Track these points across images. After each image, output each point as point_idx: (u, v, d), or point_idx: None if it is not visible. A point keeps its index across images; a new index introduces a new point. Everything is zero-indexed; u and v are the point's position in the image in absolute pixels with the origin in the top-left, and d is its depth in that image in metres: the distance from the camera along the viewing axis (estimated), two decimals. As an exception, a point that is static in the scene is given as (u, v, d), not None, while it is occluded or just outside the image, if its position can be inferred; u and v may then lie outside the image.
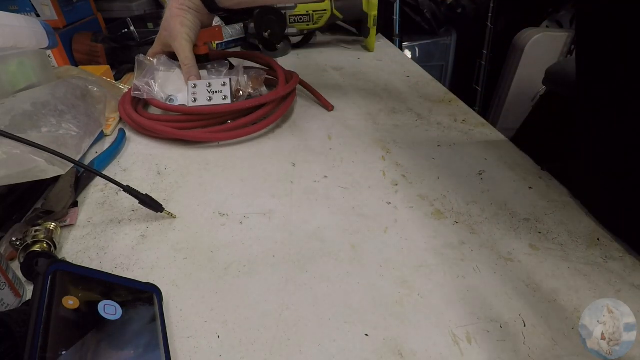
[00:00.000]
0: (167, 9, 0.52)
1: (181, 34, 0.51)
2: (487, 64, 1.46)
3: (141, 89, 0.52)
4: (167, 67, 0.54)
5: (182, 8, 0.51)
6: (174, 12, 0.51)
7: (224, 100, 0.50)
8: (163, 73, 0.53)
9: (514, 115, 1.31)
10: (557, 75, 0.76)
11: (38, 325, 0.21)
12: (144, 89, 0.52)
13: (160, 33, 0.55)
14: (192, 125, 0.50)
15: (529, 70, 1.34)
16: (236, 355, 0.26)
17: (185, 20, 0.51)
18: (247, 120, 0.50)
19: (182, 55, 0.52)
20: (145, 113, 0.52)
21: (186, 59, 0.52)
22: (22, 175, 0.33)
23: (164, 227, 0.37)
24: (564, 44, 1.32)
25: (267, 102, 0.52)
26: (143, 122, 0.49)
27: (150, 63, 0.54)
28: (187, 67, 0.52)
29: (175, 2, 0.51)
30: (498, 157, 0.46)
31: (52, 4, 0.66)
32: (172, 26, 0.51)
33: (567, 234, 0.35)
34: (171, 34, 0.51)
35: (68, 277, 0.24)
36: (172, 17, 0.51)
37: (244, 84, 0.54)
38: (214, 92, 0.50)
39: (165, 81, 0.53)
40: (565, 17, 1.41)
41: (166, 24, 0.52)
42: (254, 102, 0.51)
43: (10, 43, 0.40)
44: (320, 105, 0.60)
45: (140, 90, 0.51)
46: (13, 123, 0.35)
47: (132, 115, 0.51)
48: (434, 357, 0.26)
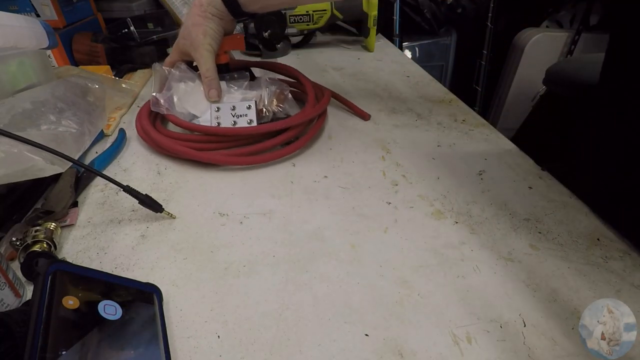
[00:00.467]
0: (188, 16, 0.49)
1: (203, 44, 0.47)
2: (487, 64, 1.46)
3: (161, 104, 0.48)
4: (186, 78, 0.51)
5: (205, 15, 0.47)
6: (195, 20, 0.47)
7: (249, 124, 0.47)
8: (183, 85, 0.50)
9: (514, 115, 1.31)
10: (558, 75, 0.76)
11: (38, 325, 0.21)
12: (163, 104, 0.48)
13: (179, 41, 0.51)
14: (213, 146, 0.46)
15: (529, 70, 1.34)
16: (236, 355, 0.26)
17: (207, 29, 0.47)
18: (273, 144, 0.46)
19: (203, 67, 0.48)
20: (164, 129, 0.49)
21: (207, 70, 0.48)
22: (21, 173, 0.33)
23: (164, 227, 0.37)
24: (564, 44, 1.32)
25: (295, 125, 0.48)
26: (162, 141, 0.46)
27: (169, 73, 0.51)
28: (208, 79, 0.49)
29: (196, 8, 0.48)
30: (498, 157, 0.46)
31: (52, 4, 0.66)
32: (193, 35, 0.48)
33: (567, 234, 0.35)
34: (192, 43, 0.48)
35: (68, 277, 0.24)
36: (193, 25, 0.47)
37: (267, 100, 0.50)
38: (238, 116, 0.47)
39: (185, 94, 0.50)
40: (565, 17, 1.41)
41: (186, 32, 0.49)
42: (280, 125, 0.46)
43: (10, 43, 0.40)
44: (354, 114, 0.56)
45: (160, 105, 0.48)
46: (13, 122, 0.35)
47: (150, 133, 0.47)
48: (434, 357, 0.26)
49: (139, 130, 0.50)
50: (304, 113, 0.49)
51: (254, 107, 0.48)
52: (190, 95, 0.50)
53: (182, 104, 0.49)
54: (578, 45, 1.30)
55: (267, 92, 0.51)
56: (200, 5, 0.47)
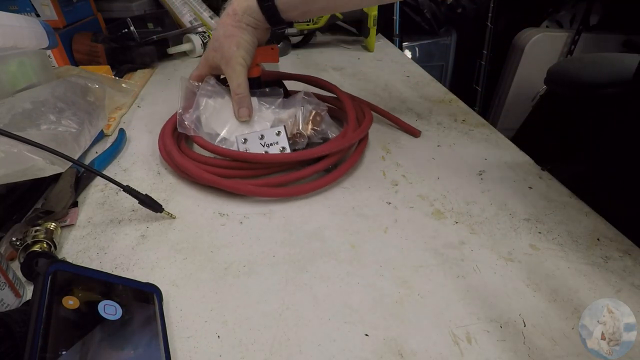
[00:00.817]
0: (220, 26, 0.44)
1: (236, 57, 0.43)
2: (487, 64, 1.46)
3: (187, 125, 0.44)
4: (215, 94, 0.46)
5: (239, 26, 0.43)
6: (228, 31, 0.43)
7: (282, 151, 0.43)
8: (212, 102, 0.46)
9: (514, 115, 1.31)
10: (559, 75, 0.76)
11: (38, 325, 0.21)
12: (190, 125, 0.44)
13: (208, 53, 0.46)
14: (243, 173, 0.42)
15: (529, 70, 1.34)
16: (236, 355, 0.26)
17: (241, 41, 0.43)
18: (308, 173, 0.41)
19: (234, 83, 0.44)
20: (189, 150, 0.44)
21: (239, 87, 0.44)
22: (21, 173, 0.33)
23: (164, 227, 0.37)
24: (564, 44, 1.32)
25: (334, 152, 0.43)
26: (187, 166, 0.41)
27: (197, 88, 0.47)
28: (238, 96, 0.44)
29: (229, 18, 0.43)
30: (498, 157, 0.46)
31: (52, 4, 0.66)
32: (225, 47, 0.43)
33: (567, 234, 0.35)
34: (224, 56, 0.44)
35: (68, 277, 0.24)
36: (225, 36, 0.43)
37: (301, 122, 0.46)
38: (268, 145, 0.43)
39: (213, 113, 0.45)
40: (565, 17, 1.41)
41: (217, 44, 0.44)
42: (316, 153, 0.42)
43: (10, 43, 0.40)
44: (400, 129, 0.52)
45: (186, 126, 0.44)
46: (13, 121, 0.35)
47: (175, 158, 0.42)
48: (434, 357, 0.26)
49: (161, 150, 0.46)
50: (344, 139, 0.44)
51: (284, 133, 0.43)
52: (219, 114, 0.45)
53: (209, 124, 0.45)
54: (578, 45, 1.30)
55: (302, 111, 0.46)
56: (234, 14, 0.43)
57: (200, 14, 0.89)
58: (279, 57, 0.48)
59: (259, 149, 0.43)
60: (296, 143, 0.45)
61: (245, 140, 0.43)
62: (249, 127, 0.45)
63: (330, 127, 0.47)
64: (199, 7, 0.90)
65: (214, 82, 0.47)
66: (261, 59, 0.47)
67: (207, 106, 0.45)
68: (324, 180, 0.41)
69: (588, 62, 0.77)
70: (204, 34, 0.83)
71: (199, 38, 0.81)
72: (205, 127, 0.45)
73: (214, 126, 0.45)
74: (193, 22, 0.87)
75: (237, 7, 0.42)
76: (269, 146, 0.43)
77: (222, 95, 0.46)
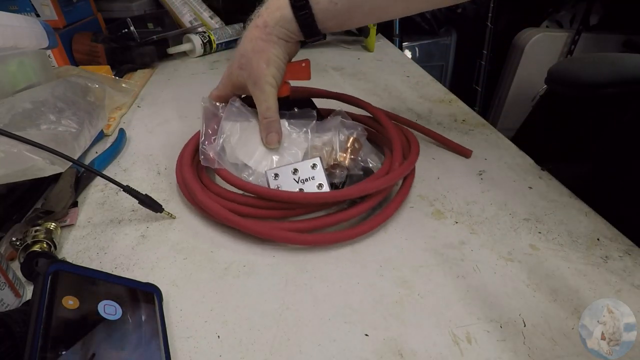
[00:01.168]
0: (247, 40, 0.38)
1: (266, 75, 0.38)
2: (487, 64, 1.46)
3: (210, 157, 0.38)
4: (241, 118, 0.41)
5: (270, 39, 0.37)
6: (258, 46, 0.37)
7: (320, 188, 0.37)
8: (237, 127, 0.40)
9: (514, 115, 1.30)
10: (559, 75, 0.76)
11: (38, 325, 0.21)
12: (214, 157, 0.38)
13: (232, 71, 0.41)
14: (275, 214, 0.36)
15: (529, 70, 1.33)
16: (236, 355, 0.26)
17: (272, 57, 0.38)
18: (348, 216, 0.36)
19: (263, 105, 0.39)
20: (212, 184, 0.39)
21: (268, 110, 0.39)
22: (21, 173, 0.33)
23: (164, 227, 0.37)
24: (564, 44, 1.32)
25: (379, 191, 0.37)
26: (212, 207, 0.35)
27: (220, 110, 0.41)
28: (267, 121, 0.39)
29: (258, 30, 0.37)
30: (498, 157, 0.46)
31: (52, 4, 0.66)
32: (254, 65, 0.38)
33: (567, 234, 0.35)
34: (252, 74, 0.38)
35: (68, 277, 0.24)
36: (254, 52, 0.38)
37: (338, 150, 0.40)
38: (303, 181, 0.37)
39: (239, 140, 0.40)
40: (565, 17, 1.41)
41: (244, 60, 0.39)
42: (358, 191, 0.36)
43: (10, 43, 0.40)
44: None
45: (210, 159, 0.38)
46: (12, 121, 0.35)
47: (195, 193, 0.36)
48: (434, 357, 0.26)
49: (179, 182, 0.41)
50: (391, 173, 0.37)
51: (320, 165, 0.37)
52: (245, 141, 0.40)
53: (234, 152, 0.39)
54: (578, 45, 1.29)
55: (339, 138, 0.40)
56: (264, 26, 0.37)
57: (200, 14, 0.90)
58: (310, 73, 0.42)
59: (292, 186, 0.37)
60: (334, 175, 0.38)
61: (277, 176, 0.37)
62: (279, 155, 0.40)
63: (370, 154, 0.41)
64: (199, 7, 0.90)
65: (239, 103, 0.41)
66: (291, 76, 0.41)
67: (232, 132, 0.40)
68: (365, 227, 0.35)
69: (588, 62, 0.77)
70: (204, 34, 0.83)
71: (199, 38, 0.81)
72: (229, 156, 0.39)
73: (239, 155, 0.39)
74: (193, 22, 0.88)
75: (268, 19, 0.37)
76: (304, 182, 0.37)
77: (248, 119, 0.41)
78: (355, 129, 0.41)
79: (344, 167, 0.39)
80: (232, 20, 0.90)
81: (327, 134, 0.41)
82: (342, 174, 0.39)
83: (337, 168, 0.39)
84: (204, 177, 0.40)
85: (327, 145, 0.40)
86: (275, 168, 0.38)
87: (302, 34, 0.37)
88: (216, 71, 0.76)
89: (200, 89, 0.68)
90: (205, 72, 0.76)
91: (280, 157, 0.40)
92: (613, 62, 0.72)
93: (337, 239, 0.34)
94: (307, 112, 0.43)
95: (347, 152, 0.40)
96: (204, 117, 0.41)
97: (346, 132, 0.41)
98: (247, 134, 0.40)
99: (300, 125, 0.41)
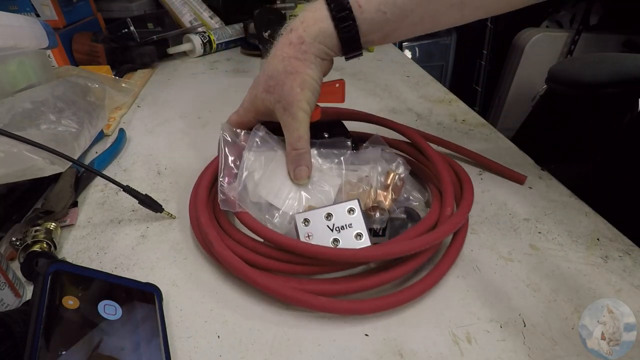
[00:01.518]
0: (277, 59, 0.33)
1: (299, 101, 0.32)
2: (487, 64, 1.46)
3: (231, 200, 0.32)
4: (266, 149, 0.35)
5: (305, 58, 0.32)
6: (292, 66, 0.32)
7: (359, 239, 0.31)
8: (262, 160, 0.35)
9: (514, 115, 1.31)
10: (560, 75, 0.76)
11: (38, 325, 0.21)
12: (234, 199, 0.32)
13: (257, 94, 0.35)
14: (306, 269, 0.31)
15: (529, 70, 1.33)
16: (236, 355, 0.26)
17: (308, 79, 0.32)
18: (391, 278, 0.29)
19: (294, 135, 0.33)
20: (231, 227, 0.33)
21: (299, 140, 0.34)
22: (21, 173, 0.33)
23: (164, 227, 0.37)
24: (564, 44, 1.32)
25: (429, 247, 0.30)
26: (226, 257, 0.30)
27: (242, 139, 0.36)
28: (297, 153, 0.34)
29: (291, 48, 0.32)
30: (498, 157, 0.46)
31: (52, 4, 0.66)
32: (286, 88, 0.32)
33: (567, 234, 0.35)
34: (282, 98, 0.33)
35: (68, 277, 0.24)
36: (287, 73, 0.32)
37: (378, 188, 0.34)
38: (339, 229, 0.31)
39: (262, 175, 0.34)
40: (565, 17, 1.41)
41: (273, 82, 0.33)
42: (407, 249, 0.29)
43: (10, 43, 0.40)
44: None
45: (231, 202, 0.32)
46: (12, 121, 0.35)
47: (213, 243, 0.31)
48: (434, 357, 0.26)
49: (193, 225, 0.35)
50: (442, 228, 0.31)
51: (358, 210, 0.31)
52: (270, 176, 0.35)
53: (257, 190, 0.34)
54: (578, 45, 1.29)
55: (378, 173, 0.34)
56: (299, 42, 0.32)
57: (200, 14, 0.90)
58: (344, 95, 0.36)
59: (326, 235, 0.31)
60: (372, 219, 0.33)
61: (307, 222, 0.31)
62: (308, 192, 0.35)
63: (411, 191, 0.35)
64: (199, 7, 0.90)
65: (263, 132, 0.36)
66: (323, 98, 0.35)
67: (255, 166, 0.34)
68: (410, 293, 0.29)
69: (589, 62, 0.77)
70: (204, 34, 0.83)
71: (199, 38, 0.81)
72: (252, 194, 0.33)
73: (263, 193, 0.34)
74: (193, 22, 0.88)
75: (304, 34, 0.32)
76: (340, 231, 0.31)
77: (273, 149, 0.35)
78: (396, 161, 0.36)
79: (385, 209, 0.33)
80: (232, 20, 0.90)
81: (363, 168, 0.35)
82: (383, 218, 0.33)
83: (377, 210, 0.33)
84: (222, 217, 0.34)
85: (364, 182, 0.34)
86: (305, 212, 0.32)
87: (342, 49, 0.33)
88: (216, 71, 0.76)
89: (200, 89, 0.68)
90: (205, 72, 0.76)
91: (310, 195, 0.34)
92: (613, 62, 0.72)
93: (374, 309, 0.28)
94: (340, 142, 0.37)
95: (388, 191, 0.34)
96: (223, 148, 0.35)
97: (386, 165, 0.35)
98: (272, 168, 0.35)
99: (332, 155, 0.36)
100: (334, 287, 0.29)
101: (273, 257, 0.31)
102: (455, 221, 0.32)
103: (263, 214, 0.33)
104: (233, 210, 0.32)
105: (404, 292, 0.29)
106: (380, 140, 0.38)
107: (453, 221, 0.31)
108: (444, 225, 0.31)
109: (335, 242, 0.31)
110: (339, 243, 0.31)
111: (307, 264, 0.30)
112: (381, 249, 0.29)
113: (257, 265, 0.30)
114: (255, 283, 0.29)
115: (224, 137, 0.36)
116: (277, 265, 0.30)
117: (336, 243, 0.31)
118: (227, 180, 0.34)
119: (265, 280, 0.28)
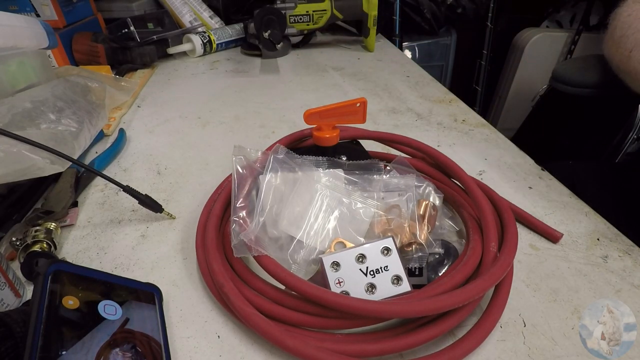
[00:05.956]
0: None
1: None
2: (487, 64, 1.46)
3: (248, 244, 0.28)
4: (284, 169, 0.31)
5: None
6: None
7: (396, 284, 0.26)
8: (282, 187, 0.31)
9: (514, 115, 1.31)
10: (563, 75, 0.75)
11: (38, 325, 0.21)
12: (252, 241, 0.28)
13: None
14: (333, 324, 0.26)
15: (529, 70, 1.33)
16: (236, 355, 0.26)
17: None
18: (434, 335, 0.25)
19: None
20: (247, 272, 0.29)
21: None
22: (21, 173, 0.33)
23: (164, 227, 0.37)
24: (564, 44, 1.32)
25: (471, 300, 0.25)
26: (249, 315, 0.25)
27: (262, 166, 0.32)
28: None
29: None
30: (498, 157, 0.46)
31: (52, 4, 0.66)
32: None
33: (567, 234, 0.35)
34: None
35: (68, 277, 0.24)
36: None
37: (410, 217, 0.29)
38: (373, 273, 0.26)
39: (281, 204, 0.30)
40: (565, 17, 1.41)
41: None
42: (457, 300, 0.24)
43: (10, 43, 0.40)
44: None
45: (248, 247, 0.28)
46: (13, 121, 0.35)
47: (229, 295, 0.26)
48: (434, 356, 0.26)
49: (204, 272, 0.30)
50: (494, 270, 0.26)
51: (394, 249, 0.27)
52: (291, 203, 0.30)
53: (276, 221, 0.30)
54: (578, 45, 1.29)
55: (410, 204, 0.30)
56: None
57: (200, 14, 0.90)
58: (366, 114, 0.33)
59: (359, 281, 0.26)
60: (409, 258, 0.28)
61: (337, 266, 0.27)
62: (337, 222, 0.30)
63: (442, 218, 0.31)
64: (199, 7, 0.90)
65: (284, 154, 0.32)
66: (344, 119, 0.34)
67: (273, 195, 0.30)
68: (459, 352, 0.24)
69: (591, 62, 0.77)
70: (204, 34, 0.83)
71: (199, 38, 0.81)
72: (270, 228, 0.29)
73: (283, 225, 0.29)
74: (193, 22, 0.88)
75: None
76: (374, 275, 0.26)
77: (294, 170, 0.32)
78: (425, 187, 0.32)
79: (421, 244, 0.28)
80: (232, 20, 0.90)
81: (392, 195, 0.31)
82: (422, 256, 0.28)
83: (413, 246, 0.28)
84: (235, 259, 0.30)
85: (394, 212, 0.30)
86: (333, 254, 0.27)
87: None
88: (216, 71, 0.76)
89: (200, 89, 0.68)
90: (205, 72, 0.76)
91: (338, 226, 0.30)
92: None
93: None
94: (372, 165, 0.33)
95: (423, 223, 0.29)
96: (235, 178, 0.31)
97: (417, 192, 0.31)
98: (293, 193, 0.30)
99: (363, 181, 0.31)
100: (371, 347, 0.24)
101: (300, 310, 0.26)
102: (505, 263, 0.26)
103: (284, 252, 0.29)
104: (249, 254, 0.28)
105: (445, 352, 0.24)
106: (404, 162, 0.34)
107: (503, 263, 0.26)
108: (495, 268, 0.26)
109: (371, 289, 0.26)
110: (376, 289, 0.26)
111: (340, 318, 0.26)
112: (434, 303, 0.24)
113: (282, 319, 0.26)
114: (287, 348, 0.24)
115: (236, 165, 0.31)
116: (306, 320, 0.26)
117: (372, 289, 0.26)
118: (242, 217, 0.29)
119: (298, 344, 0.23)
